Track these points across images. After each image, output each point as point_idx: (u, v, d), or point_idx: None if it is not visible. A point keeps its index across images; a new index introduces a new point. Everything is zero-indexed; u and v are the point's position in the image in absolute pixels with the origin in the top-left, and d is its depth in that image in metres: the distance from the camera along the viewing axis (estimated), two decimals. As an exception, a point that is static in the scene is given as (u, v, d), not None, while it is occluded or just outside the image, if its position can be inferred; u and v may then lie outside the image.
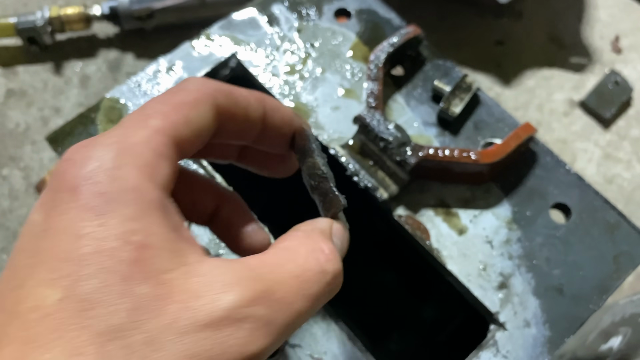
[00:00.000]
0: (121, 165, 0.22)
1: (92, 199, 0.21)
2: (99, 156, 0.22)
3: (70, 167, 0.22)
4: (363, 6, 0.49)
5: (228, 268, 0.22)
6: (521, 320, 0.36)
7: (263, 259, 0.23)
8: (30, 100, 0.88)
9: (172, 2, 0.86)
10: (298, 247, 0.24)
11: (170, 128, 0.24)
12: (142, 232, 0.21)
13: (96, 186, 0.21)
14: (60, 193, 0.22)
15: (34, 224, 0.22)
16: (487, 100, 0.44)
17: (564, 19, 0.95)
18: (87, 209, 0.21)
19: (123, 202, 0.21)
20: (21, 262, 0.21)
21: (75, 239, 0.21)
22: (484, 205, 0.41)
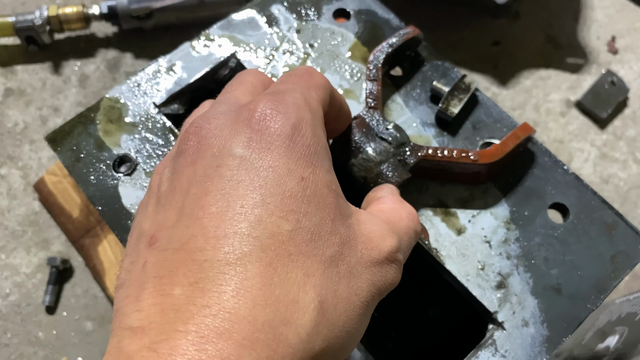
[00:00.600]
0: (315, 124, 0.27)
1: (303, 149, 0.26)
2: (300, 113, 0.26)
3: (278, 115, 0.26)
4: (362, 7, 0.49)
5: (376, 220, 0.29)
6: (519, 320, 0.37)
7: (388, 216, 0.31)
8: (29, 99, 0.88)
9: (170, 1, 0.86)
10: (401, 210, 0.32)
11: (321, 100, 0.30)
12: (335, 182, 0.27)
13: (304, 139, 0.26)
14: (271, 136, 0.25)
15: (242, 158, 0.25)
16: (485, 100, 0.45)
17: (561, 20, 0.95)
18: (301, 156, 0.25)
19: (322, 156, 0.27)
20: (239, 190, 0.24)
21: (299, 180, 0.25)
22: (482, 205, 0.41)
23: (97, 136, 0.44)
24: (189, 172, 0.26)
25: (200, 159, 0.26)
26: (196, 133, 0.27)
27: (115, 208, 0.41)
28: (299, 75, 0.30)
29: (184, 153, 0.27)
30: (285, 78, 0.30)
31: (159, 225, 0.25)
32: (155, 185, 0.28)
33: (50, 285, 0.75)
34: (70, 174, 0.43)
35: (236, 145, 0.25)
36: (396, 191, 0.36)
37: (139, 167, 0.42)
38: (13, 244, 0.79)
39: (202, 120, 0.27)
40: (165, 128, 0.44)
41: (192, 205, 0.24)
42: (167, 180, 0.27)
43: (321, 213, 0.25)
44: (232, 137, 0.25)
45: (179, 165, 0.27)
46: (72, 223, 0.78)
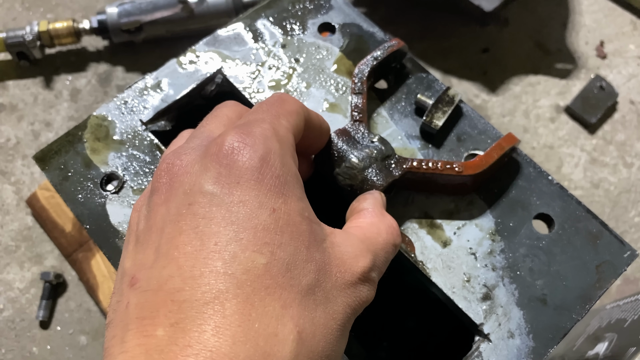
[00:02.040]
0: (284, 154, 0.28)
1: (273, 180, 0.26)
2: (267, 144, 0.27)
3: (245, 148, 0.26)
4: (347, 20, 0.49)
5: (351, 240, 0.29)
6: (505, 332, 0.37)
7: (365, 232, 0.31)
8: (21, 114, 0.89)
9: (160, 15, 0.87)
10: (379, 224, 0.32)
11: (292, 127, 0.30)
12: (307, 209, 0.27)
13: (273, 170, 0.26)
14: (239, 170, 0.26)
15: (212, 195, 0.25)
16: (469, 112, 0.45)
17: (549, 25, 0.96)
18: (271, 188, 0.26)
19: (292, 185, 0.27)
20: (212, 228, 0.24)
21: (270, 212, 0.25)
22: (467, 216, 0.41)
23: (84, 154, 0.44)
24: (162, 210, 0.26)
25: (173, 197, 0.26)
26: (168, 170, 0.27)
27: (103, 226, 0.41)
28: (269, 104, 0.31)
29: (157, 191, 0.27)
30: (257, 107, 0.31)
31: (139, 266, 0.26)
32: (134, 223, 0.29)
33: (44, 300, 0.75)
34: (58, 192, 0.43)
35: (206, 181, 0.25)
36: (379, 201, 0.36)
37: (126, 185, 0.42)
38: (6, 259, 0.79)
39: (173, 156, 0.28)
40: (152, 145, 0.44)
41: (167, 244, 0.25)
42: (143, 219, 0.28)
43: (295, 242, 0.25)
44: (201, 174, 0.26)
45: (153, 204, 0.27)
46: (65, 237, 0.78)
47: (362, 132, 0.41)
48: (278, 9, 0.50)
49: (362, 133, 0.41)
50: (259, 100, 0.46)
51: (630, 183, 0.83)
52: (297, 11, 0.50)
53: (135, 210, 0.30)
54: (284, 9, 0.50)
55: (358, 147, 0.40)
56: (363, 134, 0.41)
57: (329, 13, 0.50)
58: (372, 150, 0.39)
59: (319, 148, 0.38)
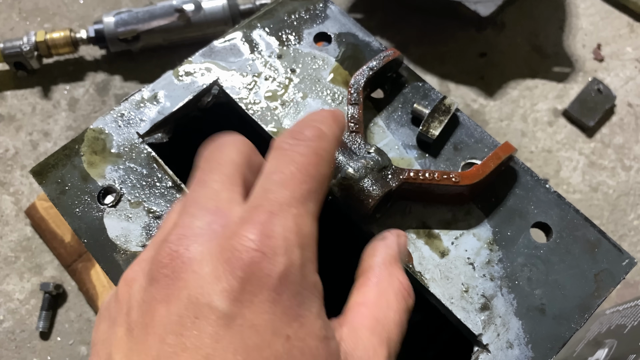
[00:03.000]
0: (306, 263, 0.24)
1: (290, 301, 0.23)
2: (289, 255, 0.24)
3: (264, 261, 0.23)
4: (342, 30, 0.49)
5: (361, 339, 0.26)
6: (504, 342, 0.37)
7: (373, 315, 0.27)
8: (19, 124, 0.89)
9: (157, 24, 0.87)
10: (388, 293, 0.29)
11: (319, 208, 0.27)
12: (325, 326, 0.24)
13: (292, 287, 0.23)
14: (254, 288, 0.23)
15: (221, 313, 0.22)
16: (466, 121, 0.45)
17: (546, 29, 0.96)
18: (287, 309, 0.23)
19: (310, 301, 0.24)
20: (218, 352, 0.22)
21: (284, 341, 0.22)
22: (465, 226, 0.41)
23: (81, 168, 0.44)
24: (162, 312, 0.23)
25: (176, 299, 0.23)
26: (171, 259, 0.24)
27: (100, 240, 0.41)
28: (302, 171, 0.26)
29: (157, 283, 0.24)
30: (284, 169, 0.26)
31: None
32: (124, 302, 0.25)
33: (44, 310, 0.75)
34: (55, 207, 0.43)
35: (216, 294, 0.22)
36: (390, 251, 0.31)
37: (123, 198, 0.42)
38: (6, 270, 0.79)
39: (178, 241, 0.24)
40: (149, 158, 0.44)
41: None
42: (137, 307, 0.24)
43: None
44: (212, 283, 0.23)
45: (151, 297, 0.24)
46: (65, 248, 0.78)
47: (358, 143, 0.41)
48: (274, 19, 0.50)
49: (358, 144, 0.41)
50: (256, 111, 0.46)
51: (628, 186, 0.83)
52: (293, 21, 0.50)
53: (126, 283, 0.26)
54: (280, 19, 0.50)
55: (354, 158, 0.40)
56: (359, 145, 0.41)
57: (324, 23, 0.50)
58: (369, 161, 0.39)
59: None
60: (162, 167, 0.43)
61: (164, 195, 0.42)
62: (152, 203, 0.42)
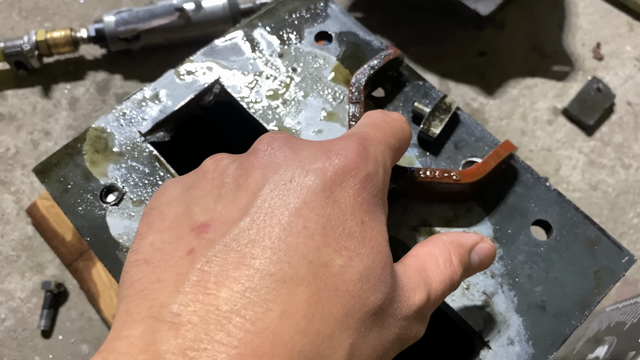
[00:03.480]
0: (385, 181, 0.29)
1: (370, 197, 0.27)
2: (377, 166, 0.28)
3: (358, 159, 0.27)
4: (343, 29, 0.50)
5: (407, 271, 0.28)
6: (505, 339, 0.37)
7: (422, 263, 0.30)
8: (20, 123, 0.89)
9: (157, 23, 0.87)
10: (438, 256, 0.30)
11: (394, 163, 0.32)
12: (387, 236, 0.27)
13: (373, 188, 0.27)
14: (345, 174, 0.26)
15: (312, 183, 0.25)
16: (466, 119, 0.45)
17: (546, 28, 0.96)
18: (365, 201, 0.26)
19: (381, 210, 0.28)
20: (304, 212, 0.24)
21: (359, 222, 0.26)
22: (465, 224, 0.41)
23: (84, 167, 0.44)
24: (258, 174, 0.26)
25: (273, 168, 0.26)
26: (275, 140, 0.27)
27: (103, 238, 0.41)
28: (392, 129, 0.32)
29: (257, 153, 0.27)
30: (378, 122, 0.32)
31: (216, 217, 0.25)
32: (210, 171, 0.28)
33: (45, 309, 0.75)
34: (58, 205, 0.43)
35: (312, 171, 0.26)
36: (452, 238, 0.32)
37: (126, 197, 0.43)
38: (7, 269, 0.79)
39: (283, 134, 0.28)
40: (151, 156, 0.44)
41: (257, 209, 0.24)
42: (232, 172, 0.27)
43: (373, 258, 0.25)
44: (310, 162, 0.26)
45: (248, 163, 0.27)
46: (66, 247, 0.78)
47: (360, 141, 0.41)
48: (275, 18, 0.50)
49: (360, 142, 0.41)
50: (257, 110, 0.46)
51: (628, 185, 0.84)
52: (294, 20, 0.50)
53: (214, 159, 0.28)
54: (281, 18, 0.50)
55: None
56: (361, 143, 0.41)
57: (325, 22, 0.50)
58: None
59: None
60: (164, 166, 0.44)
61: (166, 194, 0.43)
62: (154, 201, 0.42)
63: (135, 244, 0.26)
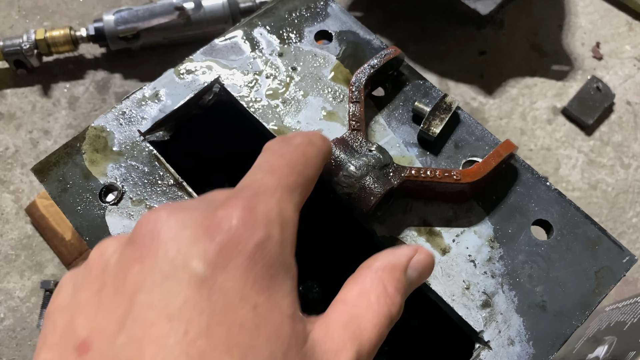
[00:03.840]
0: (284, 241, 0.25)
1: (263, 272, 0.23)
2: (269, 230, 0.24)
3: (243, 229, 0.24)
4: (343, 28, 0.50)
5: (331, 331, 0.25)
6: (505, 339, 0.37)
7: (349, 311, 0.27)
8: (19, 122, 0.89)
9: (157, 22, 0.87)
10: (370, 293, 0.27)
11: (302, 201, 0.28)
12: (293, 304, 0.24)
13: (266, 259, 0.24)
14: (230, 252, 0.23)
15: (194, 273, 0.22)
16: (467, 119, 0.45)
17: (545, 27, 0.96)
18: (258, 279, 0.23)
19: (282, 278, 0.24)
20: (185, 312, 0.22)
21: (251, 308, 0.23)
22: (466, 223, 0.41)
23: (83, 166, 0.44)
24: (136, 270, 0.23)
25: (151, 259, 0.23)
26: (155, 223, 0.24)
27: (102, 238, 0.41)
28: (290, 163, 0.28)
29: (135, 243, 0.24)
30: (274, 161, 0.28)
31: (96, 330, 0.23)
32: (95, 266, 0.25)
33: (45, 308, 0.75)
34: (57, 204, 0.43)
35: (192, 256, 0.23)
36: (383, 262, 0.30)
37: (125, 196, 0.42)
38: (6, 268, 0.79)
39: (165, 211, 0.25)
40: (150, 155, 0.44)
41: (134, 318, 0.22)
42: (110, 269, 0.25)
43: (272, 346, 0.23)
44: (190, 245, 0.23)
45: (127, 256, 0.24)
46: (65, 246, 0.78)
47: (360, 141, 0.41)
48: (275, 17, 0.50)
49: (360, 142, 0.41)
50: (257, 109, 0.46)
51: (627, 184, 0.84)
52: (294, 19, 0.50)
53: (99, 249, 0.26)
54: (281, 17, 0.50)
55: (356, 155, 0.40)
56: (361, 143, 0.41)
57: (325, 21, 0.50)
58: (370, 158, 0.40)
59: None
60: (164, 165, 0.44)
61: (166, 193, 0.42)
62: (153, 201, 0.42)
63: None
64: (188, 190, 0.42)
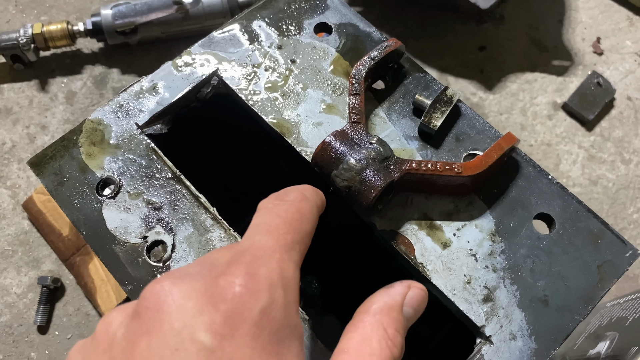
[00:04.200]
0: (288, 304, 0.25)
1: (270, 337, 0.23)
2: (272, 293, 0.24)
3: (246, 296, 0.24)
4: (343, 20, 0.49)
5: None
6: (507, 334, 0.37)
7: (353, 357, 0.26)
8: (16, 117, 0.88)
9: (155, 16, 0.86)
10: (371, 338, 0.28)
11: (301, 258, 0.28)
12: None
13: (273, 324, 0.24)
14: (235, 321, 0.23)
15: (202, 345, 0.22)
16: (468, 112, 0.45)
17: (546, 22, 0.96)
18: (266, 345, 0.23)
19: (290, 340, 0.24)
20: None
21: None
22: (467, 217, 0.41)
23: (80, 159, 0.43)
24: (143, 345, 0.23)
25: (157, 332, 0.23)
26: (158, 296, 0.24)
27: (99, 231, 0.41)
28: (286, 224, 0.28)
29: (141, 317, 0.24)
30: (270, 221, 0.28)
31: None
32: (102, 340, 0.25)
33: (42, 304, 0.75)
34: (53, 198, 0.42)
35: (199, 327, 0.23)
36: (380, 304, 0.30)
37: (122, 190, 0.42)
38: (3, 264, 0.78)
39: (168, 280, 0.25)
40: (148, 149, 0.44)
41: None
42: (117, 344, 0.24)
43: None
44: (195, 316, 0.23)
45: (133, 330, 0.24)
46: (62, 241, 0.77)
47: (360, 134, 0.41)
48: (274, 9, 0.50)
49: (360, 135, 0.41)
50: (256, 102, 0.45)
51: (628, 179, 0.83)
52: (293, 11, 0.49)
53: (106, 323, 0.26)
54: (280, 9, 0.50)
55: (356, 148, 0.39)
56: (361, 136, 0.41)
57: (325, 13, 0.49)
58: (371, 151, 0.39)
59: None
60: (162, 158, 0.43)
61: (164, 187, 0.42)
62: (151, 194, 0.42)
63: None
64: (185, 183, 0.42)
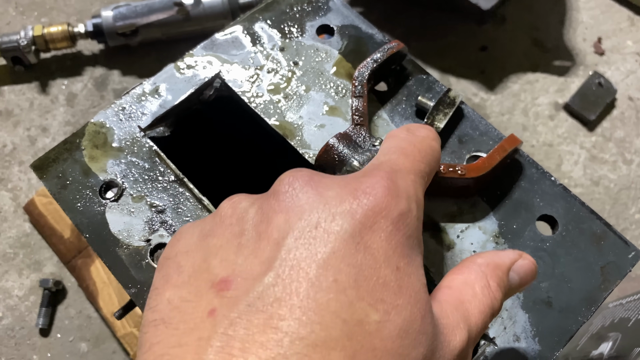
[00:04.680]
0: (419, 217, 0.26)
1: (404, 239, 0.24)
2: (409, 203, 0.25)
3: (388, 198, 0.24)
4: (345, 22, 0.49)
5: (444, 309, 0.26)
6: (511, 335, 0.37)
7: (456, 296, 0.27)
8: (17, 120, 0.88)
9: (156, 18, 0.86)
10: (475, 283, 0.28)
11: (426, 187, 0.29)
12: (424, 278, 0.25)
13: (407, 229, 0.25)
14: (376, 216, 0.24)
15: (342, 229, 0.23)
16: (471, 113, 0.45)
17: (547, 23, 0.96)
18: (399, 245, 0.24)
19: (417, 251, 0.25)
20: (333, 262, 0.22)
21: (394, 269, 0.23)
22: (470, 219, 0.41)
23: (82, 162, 0.43)
24: (280, 220, 0.24)
25: (296, 212, 0.24)
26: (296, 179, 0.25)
27: (102, 235, 0.41)
28: (421, 153, 0.29)
29: (277, 197, 0.25)
30: (405, 146, 0.29)
31: (237, 271, 0.23)
32: (229, 216, 0.26)
33: (44, 307, 0.75)
34: (56, 201, 0.42)
35: (339, 213, 0.23)
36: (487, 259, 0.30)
37: (125, 193, 0.42)
38: (5, 267, 0.78)
39: (311, 173, 0.25)
40: (151, 151, 0.44)
41: (281, 261, 0.22)
42: (251, 218, 0.25)
43: (412, 309, 0.23)
44: (336, 204, 0.24)
45: (268, 207, 0.24)
46: (64, 244, 0.77)
47: (363, 136, 0.41)
48: (276, 11, 0.50)
49: (363, 137, 0.41)
50: (259, 104, 0.45)
51: (630, 180, 0.83)
52: (295, 13, 0.49)
53: (232, 202, 0.26)
54: (282, 11, 0.50)
55: (359, 151, 0.39)
56: (364, 138, 0.41)
57: (327, 15, 0.49)
58: (374, 154, 0.39)
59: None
60: (165, 161, 0.43)
61: (167, 190, 0.42)
62: (154, 197, 0.42)
63: (152, 300, 0.25)
64: (189, 186, 0.42)
